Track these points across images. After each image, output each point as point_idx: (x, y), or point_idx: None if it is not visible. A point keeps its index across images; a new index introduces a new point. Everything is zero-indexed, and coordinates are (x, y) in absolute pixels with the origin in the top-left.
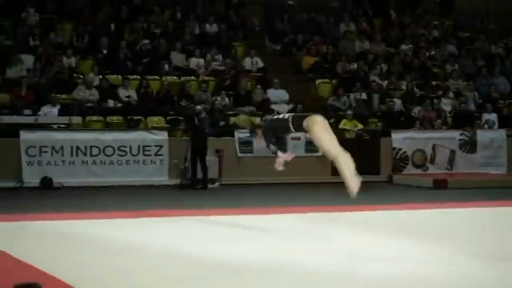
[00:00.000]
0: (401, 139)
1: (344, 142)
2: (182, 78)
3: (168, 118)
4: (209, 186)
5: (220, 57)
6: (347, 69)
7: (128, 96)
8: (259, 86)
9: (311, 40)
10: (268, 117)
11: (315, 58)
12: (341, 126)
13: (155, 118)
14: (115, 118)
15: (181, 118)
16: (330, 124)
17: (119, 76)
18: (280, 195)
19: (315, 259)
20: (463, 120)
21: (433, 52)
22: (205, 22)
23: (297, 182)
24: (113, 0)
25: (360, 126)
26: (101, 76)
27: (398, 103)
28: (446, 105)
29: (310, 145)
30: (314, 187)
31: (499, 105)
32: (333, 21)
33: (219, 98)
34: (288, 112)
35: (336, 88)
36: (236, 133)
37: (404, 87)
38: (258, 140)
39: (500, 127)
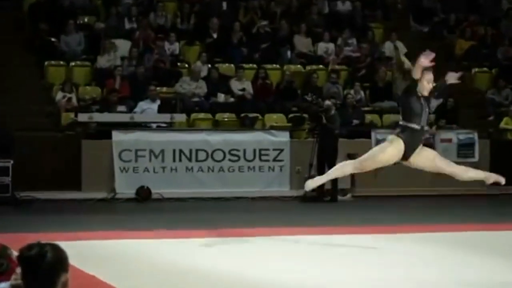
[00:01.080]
0: None
1: (505, 145)
2: (308, 67)
3: (290, 115)
4: (340, 198)
5: (354, 41)
6: (510, 55)
7: (243, 89)
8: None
9: (466, 20)
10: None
11: (470, 42)
12: (502, 125)
13: (274, 116)
14: (226, 116)
15: (305, 115)
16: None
17: (232, 65)
18: (424, 209)
19: None
20: None
21: None
22: None
23: (448, 193)
24: None
25: None
26: (210, 65)
27: None
28: None
29: (464, 149)
30: (467, 200)
31: None
32: None
33: (352, 92)
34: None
35: (496, 78)
36: (373, 134)
37: None
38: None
39: None
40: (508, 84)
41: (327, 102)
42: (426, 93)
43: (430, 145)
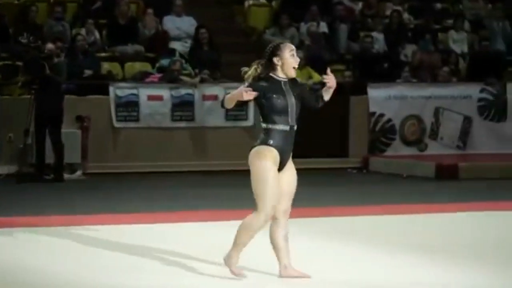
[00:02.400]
0: (383, 98)
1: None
2: None
3: None
4: (67, 176)
5: None
6: None
7: None
8: (150, 11)
9: None
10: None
11: None
12: None
13: None
14: None
15: (19, 64)
16: None
17: None
18: (184, 190)
19: None
20: (486, 67)
21: None
22: None
23: (217, 169)
24: None
25: (316, 77)
26: None
27: (379, 39)
28: (458, 42)
29: (234, 108)
30: (240, 176)
31: None
32: None
33: (83, 31)
34: None
35: (278, 14)
36: (112, 89)
37: (389, 12)
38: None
39: None
40: (293, 21)
41: (50, 46)
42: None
43: (190, 103)
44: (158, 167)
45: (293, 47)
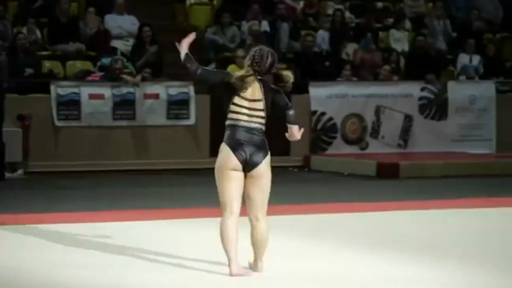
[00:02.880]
0: (324, 97)
1: None
2: None
3: None
4: (7, 175)
5: None
6: None
7: None
8: (91, 9)
9: None
10: None
11: None
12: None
13: None
14: None
15: None
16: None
17: None
18: (126, 189)
19: None
20: (426, 66)
21: None
22: None
23: (168, 168)
24: None
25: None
26: None
27: (322, 37)
28: (399, 41)
29: (176, 107)
30: (181, 174)
31: (484, 42)
32: None
33: (24, 30)
34: None
35: (219, 12)
36: (53, 88)
37: (331, 11)
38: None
39: (485, 77)
40: (234, 20)
41: None
42: None
43: (131, 101)
44: (99, 166)
45: None
